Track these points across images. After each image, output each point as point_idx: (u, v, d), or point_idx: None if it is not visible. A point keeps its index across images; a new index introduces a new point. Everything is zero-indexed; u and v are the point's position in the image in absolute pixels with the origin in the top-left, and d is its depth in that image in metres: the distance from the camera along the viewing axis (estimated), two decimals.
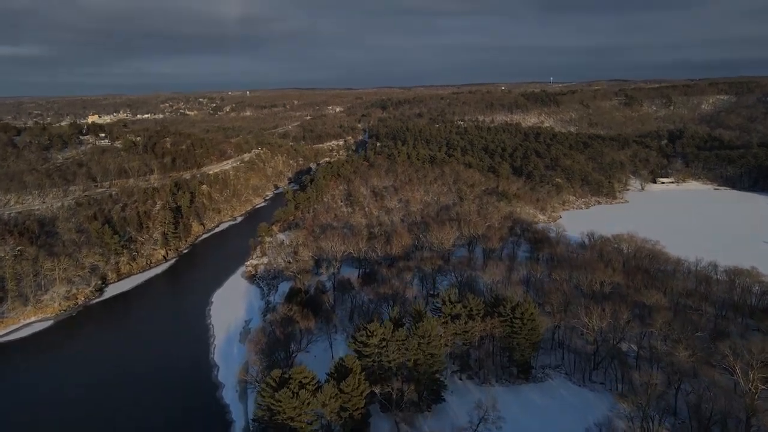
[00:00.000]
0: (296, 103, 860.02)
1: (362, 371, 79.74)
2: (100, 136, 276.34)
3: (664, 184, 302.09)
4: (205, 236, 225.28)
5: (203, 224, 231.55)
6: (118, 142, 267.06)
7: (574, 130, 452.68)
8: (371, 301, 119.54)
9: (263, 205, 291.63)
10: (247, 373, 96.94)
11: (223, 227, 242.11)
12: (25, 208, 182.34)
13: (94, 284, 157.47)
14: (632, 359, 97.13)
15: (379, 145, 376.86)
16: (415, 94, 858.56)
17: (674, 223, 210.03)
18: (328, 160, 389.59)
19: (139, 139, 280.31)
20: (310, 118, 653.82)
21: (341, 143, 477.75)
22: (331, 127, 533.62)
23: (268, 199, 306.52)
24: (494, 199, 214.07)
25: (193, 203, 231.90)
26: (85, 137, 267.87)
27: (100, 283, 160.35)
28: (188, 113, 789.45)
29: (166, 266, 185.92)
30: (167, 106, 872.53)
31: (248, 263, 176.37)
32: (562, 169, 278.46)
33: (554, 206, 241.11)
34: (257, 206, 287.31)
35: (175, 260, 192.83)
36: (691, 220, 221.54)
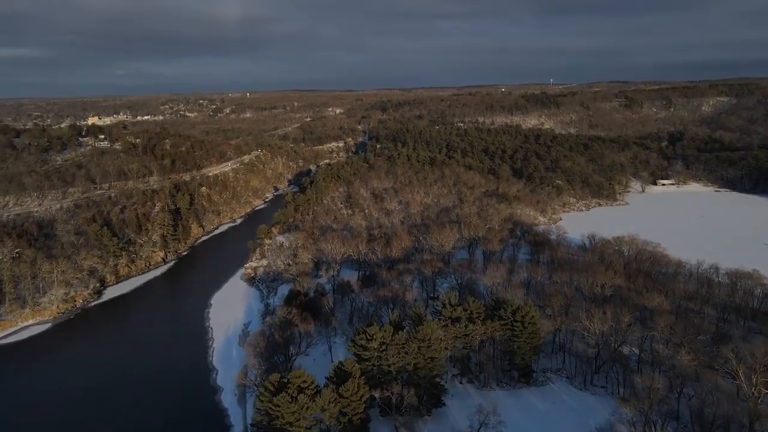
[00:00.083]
0: (296, 104, 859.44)
1: (362, 375, 79.08)
2: (99, 137, 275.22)
3: (664, 185, 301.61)
4: (204, 238, 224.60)
5: (202, 226, 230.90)
6: (117, 143, 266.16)
7: (574, 131, 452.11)
8: (371, 304, 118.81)
9: (263, 206, 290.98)
10: (245, 376, 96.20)
11: (222, 229, 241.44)
12: (23, 210, 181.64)
13: (92, 287, 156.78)
14: (634, 363, 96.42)
15: (379, 146, 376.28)
16: (415, 95, 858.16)
17: (675, 225, 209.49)
18: (327, 161, 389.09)
19: (138, 140, 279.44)
20: (310, 119, 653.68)
21: (341, 145, 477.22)
22: (331, 128, 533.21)
23: (267, 201, 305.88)
24: (494, 201, 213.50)
25: (192, 205, 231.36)
26: (84, 139, 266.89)
27: (98, 285, 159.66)
28: (188, 115, 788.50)
29: (165, 268, 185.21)
30: (167, 107, 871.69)
31: (247, 265, 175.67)
32: (562, 170, 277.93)
33: (554, 208, 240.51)
34: (257, 208, 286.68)
35: (174, 262, 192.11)
36: (691, 222, 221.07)
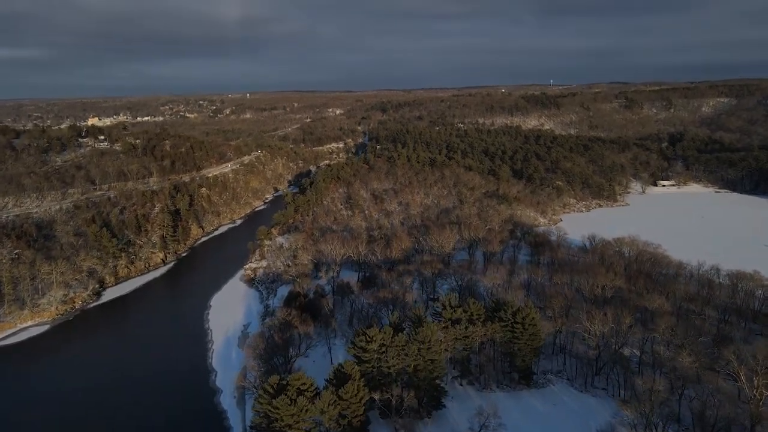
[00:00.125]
0: (296, 105, 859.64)
1: (361, 377, 78.70)
2: (99, 138, 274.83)
3: (664, 186, 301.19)
4: (204, 239, 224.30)
5: (202, 227, 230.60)
6: (117, 144, 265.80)
7: (574, 132, 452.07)
8: (371, 305, 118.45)
9: (263, 207, 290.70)
10: (245, 378, 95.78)
11: (222, 230, 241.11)
12: (23, 211, 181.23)
13: (91, 288, 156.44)
14: (635, 365, 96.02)
15: (379, 147, 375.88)
16: (415, 96, 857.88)
17: (675, 226, 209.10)
18: (327, 162, 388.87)
19: (138, 141, 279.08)
20: (310, 120, 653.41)
21: (341, 146, 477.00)
22: (331, 129, 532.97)
23: (267, 201, 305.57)
24: (494, 202, 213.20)
25: (192, 206, 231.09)
26: (84, 140, 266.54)
27: (97, 286, 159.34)
28: (188, 116, 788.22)
29: (164, 270, 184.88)
30: (167, 108, 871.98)
31: (247, 267, 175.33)
32: (562, 171, 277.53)
33: (555, 209, 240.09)
34: (257, 209, 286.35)
35: (173, 264, 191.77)
36: (692, 222, 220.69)
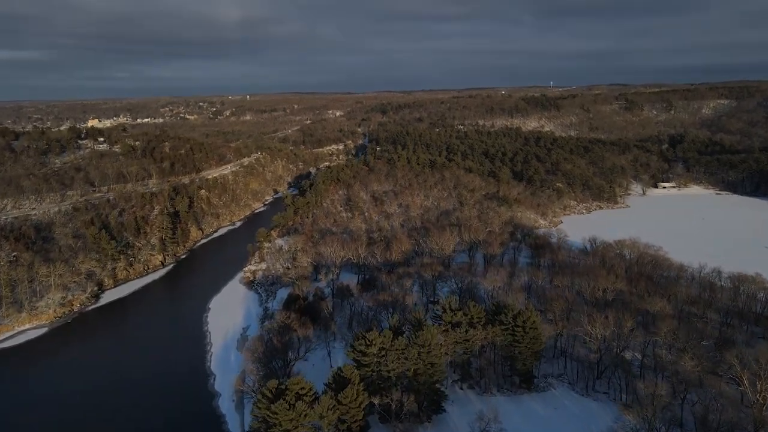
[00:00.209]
0: (296, 107, 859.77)
1: (361, 381, 77.98)
2: (98, 140, 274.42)
3: (665, 188, 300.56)
4: (203, 241, 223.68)
5: (202, 229, 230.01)
6: (116, 146, 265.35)
7: (574, 134, 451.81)
8: (370, 308, 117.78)
9: (262, 209, 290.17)
10: (243, 382, 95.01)
11: (221, 232, 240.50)
12: (21, 213, 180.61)
13: (90, 290, 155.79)
14: (636, 368, 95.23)
15: (379, 149, 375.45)
16: (415, 98, 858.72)
17: (676, 227, 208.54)
18: (327, 164, 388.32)
19: (137, 143, 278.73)
20: (310, 122, 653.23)
21: (341, 147, 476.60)
22: (331, 131, 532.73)
23: (267, 203, 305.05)
24: (495, 204, 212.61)
25: (191, 208, 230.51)
26: (83, 142, 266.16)
27: (96, 289, 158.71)
28: (188, 117, 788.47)
29: (163, 272, 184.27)
30: (167, 110, 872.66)
31: (246, 269, 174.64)
32: (562, 173, 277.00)
33: (555, 211, 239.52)
34: (256, 211, 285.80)
35: (172, 266, 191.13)
36: (692, 224, 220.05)
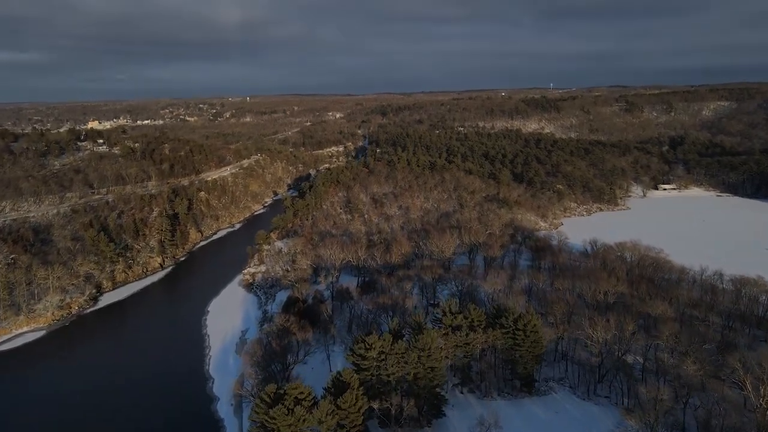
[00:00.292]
0: (296, 109, 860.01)
1: (360, 386, 77.21)
2: (98, 142, 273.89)
3: (665, 190, 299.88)
4: (202, 243, 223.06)
5: (201, 231, 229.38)
6: (116, 148, 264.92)
7: (574, 136, 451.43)
8: (370, 311, 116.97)
9: (262, 211, 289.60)
10: (242, 386, 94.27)
11: (221, 234, 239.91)
12: (20, 215, 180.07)
13: (88, 293, 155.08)
14: (638, 372, 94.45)
15: (378, 151, 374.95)
16: (415, 100, 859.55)
17: (676, 229, 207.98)
18: (327, 166, 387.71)
19: (137, 145, 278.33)
20: (310, 124, 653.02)
21: (341, 149, 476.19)
22: (330, 133, 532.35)
23: (267, 205, 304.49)
24: (495, 206, 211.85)
25: (190, 210, 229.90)
26: (82, 143, 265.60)
27: (94, 291, 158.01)
28: (188, 119, 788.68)
29: (162, 274, 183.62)
30: (167, 112, 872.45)
31: (246, 271, 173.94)
32: (563, 175, 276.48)
33: (555, 213, 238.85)
34: (256, 213, 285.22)
35: (171, 268, 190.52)
36: (693, 226, 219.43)
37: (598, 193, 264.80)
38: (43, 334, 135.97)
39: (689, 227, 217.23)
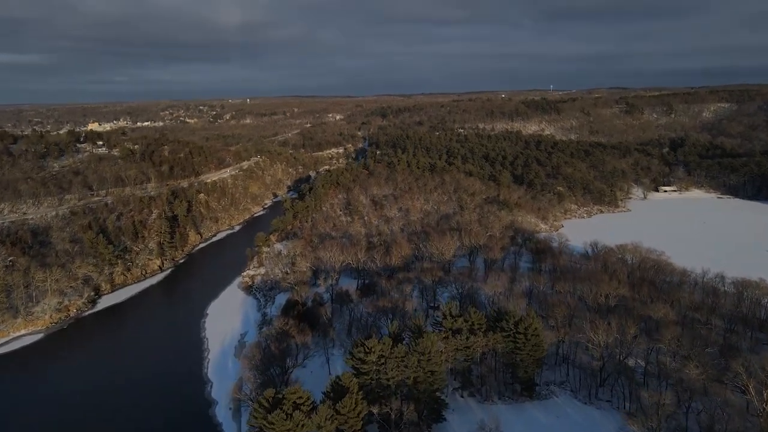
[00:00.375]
0: (296, 110, 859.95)
1: (359, 390, 76.43)
2: (97, 144, 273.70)
3: (666, 192, 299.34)
4: (202, 245, 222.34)
5: (200, 233, 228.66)
6: (115, 150, 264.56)
7: (574, 137, 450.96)
8: (370, 314, 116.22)
9: (262, 213, 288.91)
10: (240, 390, 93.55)
11: (220, 236, 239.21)
12: (18, 217, 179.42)
13: (86, 296, 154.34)
14: (640, 376, 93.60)
15: (378, 153, 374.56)
16: (415, 102, 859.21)
17: (677, 231, 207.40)
18: (327, 168, 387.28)
19: (136, 147, 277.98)
20: (309, 125, 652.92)
21: (341, 151, 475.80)
22: (330, 135, 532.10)
23: (266, 207, 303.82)
24: (495, 207, 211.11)
25: (190, 212, 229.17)
26: (82, 145, 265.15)
27: (93, 294, 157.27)
28: (188, 121, 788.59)
29: (161, 277, 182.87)
30: (167, 113, 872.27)
31: (245, 274, 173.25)
32: (563, 177, 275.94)
33: (556, 215, 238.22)
34: (256, 215, 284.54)
35: (170, 270, 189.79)
36: (694, 228, 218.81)
37: (598, 194, 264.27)
38: (40, 337, 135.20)
39: (690, 229, 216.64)
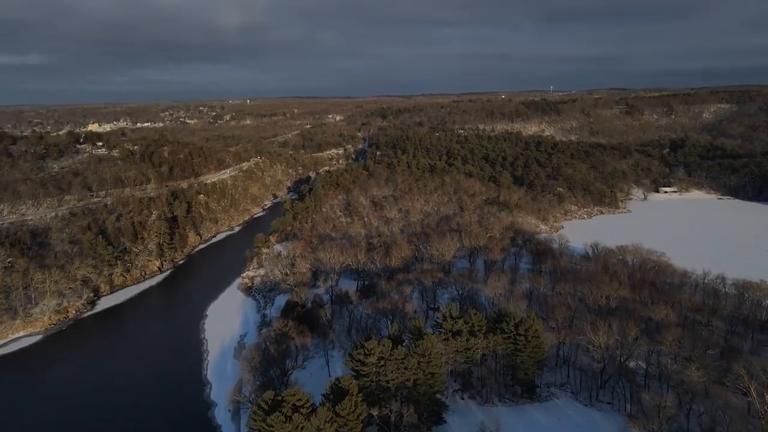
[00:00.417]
0: (296, 111, 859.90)
1: (359, 392, 76.03)
2: (97, 144, 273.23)
3: (666, 193, 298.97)
4: (201, 247, 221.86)
5: (200, 234, 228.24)
6: (115, 151, 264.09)
7: (575, 138, 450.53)
8: (369, 316, 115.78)
9: (262, 214, 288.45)
10: (239, 392, 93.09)
11: (220, 237, 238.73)
12: (17, 218, 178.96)
13: (85, 297, 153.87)
14: (641, 377, 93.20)
15: (378, 154, 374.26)
16: (415, 102, 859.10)
17: (678, 233, 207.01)
18: (327, 169, 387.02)
19: (136, 147, 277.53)
20: (310, 126, 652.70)
21: (341, 152, 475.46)
22: (330, 135, 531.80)
23: (266, 208, 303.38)
24: (495, 209, 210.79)
25: (189, 213, 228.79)
26: (82, 146, 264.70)
27: (92, 295, 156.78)
28: (188, 122, 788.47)
29: (160, 278, 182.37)
30: (167, 114, 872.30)
31: (244, 275, 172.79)
32: (563, 178, 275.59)
33: (556, 216, 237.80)
34: (255, 216, 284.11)
35: (170, 271, 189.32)
36: (694, 229, 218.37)
37: (598, 195, 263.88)
38: (39, 338, 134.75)
39: (690, 230, 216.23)
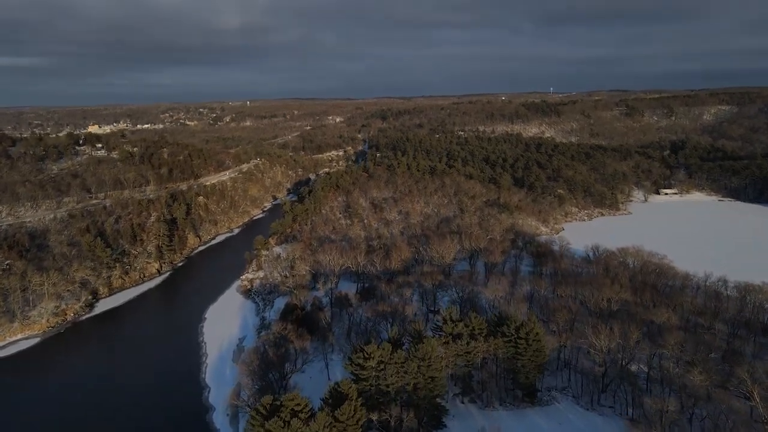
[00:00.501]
0: (296, 113, 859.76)
1: (359, 396, 75.26)
2: (96, 146, 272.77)
3: (667, 195, 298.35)
4: (201, 248, 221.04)
5: (199, 236, 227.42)
6: (114, 152, 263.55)
7: (575, 140, 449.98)
8: (369, 319, 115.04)
9: (261, 216, 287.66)
10: (238, 396, 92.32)
11: (219, 239, 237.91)
12: (16, 220, 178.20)
13: (84, 299, 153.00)
14: (643, 381, 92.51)
15: (378, 155, 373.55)
16: (415, 104, 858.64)
17: (679, 234, 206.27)
18: (327, 170, 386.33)
19: (136, 149, 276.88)
20: (310, 128, 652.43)
21: (341, 154, 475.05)
22: (330, 137, 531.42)
23: (266, 210, 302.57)
24: (495, 210, 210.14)
25: (189, 215, 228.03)
26: (81, 148, 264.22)
27: (90, 298, 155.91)
28: (188, 123, 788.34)
29: (159, 280, 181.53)
30: (167, 116, 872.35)
31: (244, 277, 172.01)
32: (564, 180, 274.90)
33: (557, 218, 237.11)
34: (255, 218, 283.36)
35: (169, 274, 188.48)
36: (695, 231, 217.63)
37: (599, 197, 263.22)
38: (37, 341, 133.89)
39: (691, 232, 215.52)
